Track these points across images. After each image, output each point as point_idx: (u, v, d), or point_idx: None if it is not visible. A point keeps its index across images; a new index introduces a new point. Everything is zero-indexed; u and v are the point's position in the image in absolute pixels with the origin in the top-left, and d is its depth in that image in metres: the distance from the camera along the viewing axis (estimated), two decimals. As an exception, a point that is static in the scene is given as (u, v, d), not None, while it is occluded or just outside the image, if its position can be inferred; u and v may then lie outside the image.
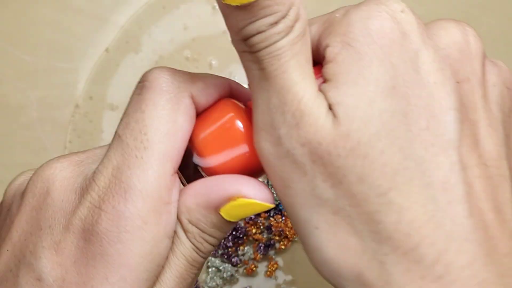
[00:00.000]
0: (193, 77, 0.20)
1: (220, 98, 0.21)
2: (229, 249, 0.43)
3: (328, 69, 0.18)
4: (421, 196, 0.17)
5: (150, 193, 0.18)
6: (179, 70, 0.20)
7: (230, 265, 0.43)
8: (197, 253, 0.20)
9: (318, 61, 0.19)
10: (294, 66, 0.17)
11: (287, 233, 0.43)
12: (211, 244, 0.21)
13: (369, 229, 0.17)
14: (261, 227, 0.44)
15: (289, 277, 0.44)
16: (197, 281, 0.43)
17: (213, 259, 0.43)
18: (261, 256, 0.43)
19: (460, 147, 0.17)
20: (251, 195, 0.19)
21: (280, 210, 0.43)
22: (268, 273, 0.43)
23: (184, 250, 0.20)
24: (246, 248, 0.44)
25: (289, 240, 0.43)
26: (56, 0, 0.45)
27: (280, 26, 0.17)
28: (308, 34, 0.18)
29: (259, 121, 0.18)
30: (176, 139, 0.19)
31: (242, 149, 0.20)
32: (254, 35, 0.17)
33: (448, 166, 0.17)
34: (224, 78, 0.22)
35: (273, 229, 0.43)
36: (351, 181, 0.17)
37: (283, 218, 0.43)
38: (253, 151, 0.20)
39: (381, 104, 0.17)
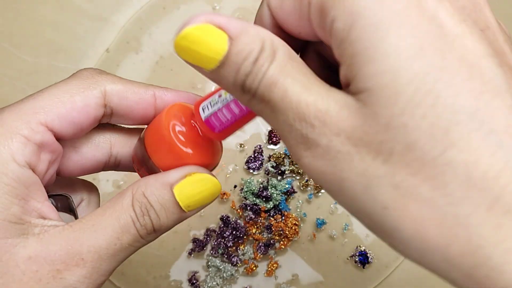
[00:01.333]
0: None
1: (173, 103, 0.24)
2: (229, 249, 0.43)
3: (343, 50, 0.17)
4: (487, 145, 0.15)
5: None
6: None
7: (230, 265, 0.43)
8: (134, 223, 0.22)
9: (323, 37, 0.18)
10: (293, 83, 0.18)
11: (287, 232, 0.43)
12: (151, 222, 0.22)
13: (439, 194, 0.16)
14: (261, 226, 0.44)
15: (289, 277, 0.44)
16: (197, 280, 0.43)
17: (213, 258, 0.43)
18: (261, 255, 0.43)
19: (511, 89, 0.16)
20: (202, 172, 0.23)
21: (280, 210, 0.44)
22: (268, 272, 0.43)
23: (124, 216, 0.22)
24: (246, 247, 0.44)
25: (289, 240, 0.43)
26: (57, 0, 0.46)
27: (262, 59, 0.18)
28: (296, 55, 0.18)
29: (293, 145, 0.18)
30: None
31: (186, 153, 0.23)
32: (245, 80, 0.18)
33: (507, 110, 0.16)
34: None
35: (273, 229, 0.43)
36: (400, 151, 0.16)
37: (283, 218, 0.43)
38: (197, 152, 0.23)
39: (409, 70, 0.16)
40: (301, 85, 0.18)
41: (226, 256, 0.43)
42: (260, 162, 0.44)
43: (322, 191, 0.44)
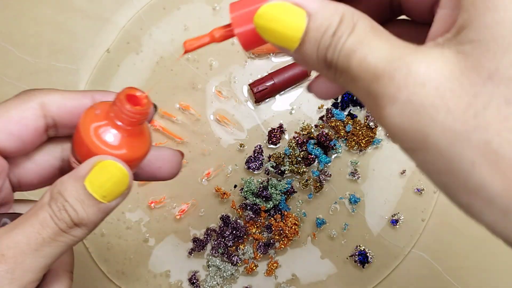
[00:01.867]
0: None
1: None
2: (229, 249, 0.44)
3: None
4: None
5: None
6: None
7: (230, 264, 0.43)
8: (51, 217, 0.22)
9: None
10: (372, 50, 0.17)
11: (287, 232, 0.43)
12: (69, 216, 0.22)
13: None
14: (261, 226, 0.44)
15: (289, 277, 0.44)
16: (197, 280, 0.43)
17: (213, 258, 0.43)
18: (261, 255, 0.43)
19: None
20: (106, 159, 0.23)
21: (280, 210, 0.44)
22: (268, 272, 0.44)
23: (42, 212, 0.22)
24: (246, 247, 0.44)
25: (289, 240, 0.43)
26: (57, 1, 0.46)
27: (340, 31, 0.18)
28: (378, 26, 0.18)
29: (372, 108, 0.18)
30: None
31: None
32: (326, 53, 0.18)
33: None
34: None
35: (273, 229, 0.43)
36: (497, 105, 0.15)
37: (283, 217, 0.44)
38: (120, 146, 0.23)
39: None
40: (383, 49, 0.17)
41: (226, 256, 0.43)
42: (260, 162, 0.44)
43: (322, 191, 0.44)
